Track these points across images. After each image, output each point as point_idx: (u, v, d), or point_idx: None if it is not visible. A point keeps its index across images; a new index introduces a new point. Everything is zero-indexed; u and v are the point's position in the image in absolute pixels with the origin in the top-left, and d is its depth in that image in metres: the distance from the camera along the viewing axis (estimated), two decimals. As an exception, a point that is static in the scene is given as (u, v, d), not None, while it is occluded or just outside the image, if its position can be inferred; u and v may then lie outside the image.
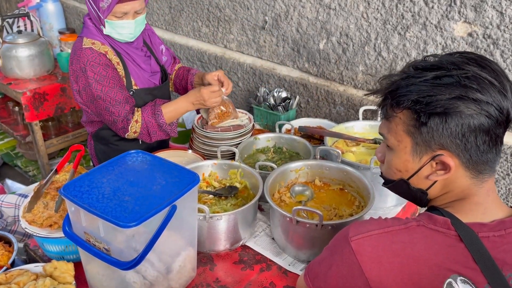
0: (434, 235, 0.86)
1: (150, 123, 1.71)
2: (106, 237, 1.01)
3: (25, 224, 1.29)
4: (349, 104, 2.07)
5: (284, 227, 1.32)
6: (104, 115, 1.69)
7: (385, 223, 0.91)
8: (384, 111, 0.95)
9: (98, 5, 1.61)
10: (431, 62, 0.89)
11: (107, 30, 1.67)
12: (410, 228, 0.88)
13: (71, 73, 1.70)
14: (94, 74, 1.63)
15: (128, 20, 1.65)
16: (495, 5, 1.52)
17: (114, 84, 1.66)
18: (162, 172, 1.12)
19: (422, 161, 0.91)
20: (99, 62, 1.64)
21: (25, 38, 2.89)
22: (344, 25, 1.96)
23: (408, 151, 0.92)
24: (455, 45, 1.66)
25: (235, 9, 2.38)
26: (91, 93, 1.65)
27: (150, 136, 1.74)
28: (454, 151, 0.86)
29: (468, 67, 0.85)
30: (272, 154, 1.79)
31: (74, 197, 1.01)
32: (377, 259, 0.86)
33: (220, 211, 1.39)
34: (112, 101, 1.65)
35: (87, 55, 1.63)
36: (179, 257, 1.18)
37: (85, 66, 1.63)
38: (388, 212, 1.56)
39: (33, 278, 1.14)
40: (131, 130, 1.70)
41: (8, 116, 3.39)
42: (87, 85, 1.65)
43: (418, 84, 0.86)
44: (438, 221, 0.87)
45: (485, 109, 0.82)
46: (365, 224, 0.92)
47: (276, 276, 1.30)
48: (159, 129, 1.73)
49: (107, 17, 1.62)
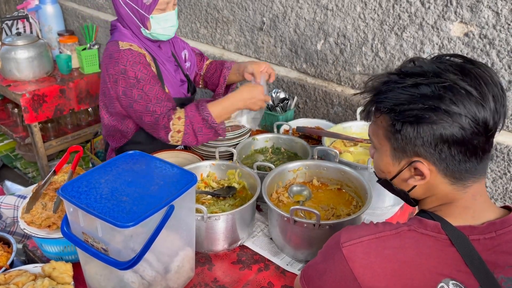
0: (425, 239, 0.87)
1: (194, 117, 1.57)
2: (104, 237, 1.01)
3: (24, 225, 1.29)
4: (347, 104, 2.07)
5: (282, 227, 1.33)
6: (145, 118, 1.60)
7: (375, 228, 0.91)
8: (367, 114, 0.96)
9: (141, 2, 1.60)
10: (414, 68, 0.90)
11: (153, 27, 1.64)
12: (401, 233, 0.88)
13: (108, 79, 1.63)
14: (135, 73, 1.58)
15: (170, 12, 1.65)
16: (491, 5, 1.53)
17: (154, 83, 1.61)
18: (160, 173, 1.12)
19: (401, 165, 0.92)
20: (139, 61, 1.60)
21: (24, 40, 2.89)
22: (341, 26, 1.97)
23: (388, 154, 0.94)
24: (451, 45, 1.67)
25: (233, 10, 2.39)
26: (131, 94, 1.58)
27: (196, 135, 1.58)
28: (430, 159, 0.87)
29: (447, 75, 0.85)
30: (270, 155, 1.80)
31: (72, 198, 1.02)
32: (369, 265, 0.86)
33: (218, 211, 1.40)
34: (153, 99, 1.58)
35: (126, 55, 1.59)
36: (177, 257, 1.19)
37: (125, 67, 1.57)
38: (386, 212, 1.56)
39: (32, 279, 1.14)
40: (174, 129, 1.57)
41: (7, 118, 3.40)
42: (127, 87, 1.58)
43: (396, 90, 0.87)
44: (428, 225, 0.88)
45: (457, 121, 0.82)
46: (356, 229, 0.92)
47: (274, 276, 1.30)
48: (205, 125, 1.57)
49: (153, 11, 1.61)
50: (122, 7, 1.64)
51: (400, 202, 1.59)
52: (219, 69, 1.95)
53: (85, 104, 3.12)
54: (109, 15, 3.19)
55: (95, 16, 3.28)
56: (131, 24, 1.67)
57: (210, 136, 1.61)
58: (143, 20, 1.65)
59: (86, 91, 3.08)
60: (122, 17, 1.67)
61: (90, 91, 3.11)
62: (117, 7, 1.66)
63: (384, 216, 1.54)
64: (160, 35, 1.69)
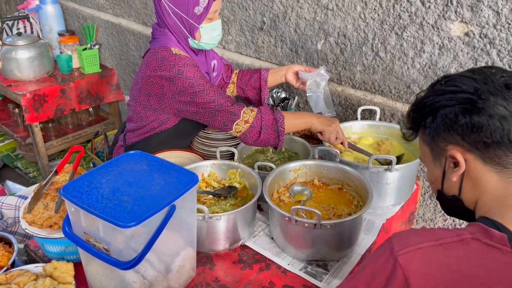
0: (490, 251, 0.78)
1: (266, 114, 1.58)
2: (105, 237, 1.02)
3: (25, 225, 1.29)
4: (347, 104, 2.07)
5: (283, 227, 1.33)
6: (209, 107, 1.58)
7: (434, 234, 0.82)
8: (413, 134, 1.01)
9: (192, 12, 1.60)
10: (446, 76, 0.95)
11: (202, 37, 1.65)
12: (464, 241, 0.79)
13: (157, 81, 1.60)
14: (193, 74, 1.57)
15: (217, 21, 1.67)
16: (491, 4, 1.53)
17: (212, 85, 1.61)
18: (161, 173, 1.12)
19: (442, 164, 0.93)
20: (195, 65, 1.61)
21: (25, 40, 2.90)
22: (341, 26, 1.97)
23: (430, 159, 0.96)
24: (452, 44, 1.67)
25: (233, 10, 2.39)
26: (193, 91, 1.57)
27: (261, 132, 1.58)
28: (458, 143, 0.88)
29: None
30: (271, 154, 1.80)
31: (73, 198, 1.02)
32: (427, 276, 0.77)
33: (219, 211, 1.40)
34: (216, 93, 1.58)
35: (185, 61, 1.58)
36: (178, 257, 1.19)
37: (183, 69, 1.56)
38: (387, 212, 1.57)
39: (33, 278, 1.15)
40: (243, 117, 1.57)
41: (8, 118, 3.40)
42: (186, 86, 1.56)
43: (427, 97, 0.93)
44: (494, 236, 0.79)
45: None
46: (410, 236, 0.83)
47: (275, 275, 1.30)
48: (273, 126, 1.58)
49: (203, 21, 1.62)
50: (171, 17, 1.63)
51: (400, 201, 1.60)
52: (256, 72, 1.92)
53: (85, 104, 3.12)
54: (110, 15, 3.19)
55: (95, 16, 3.28)
56: (179, 34, 1.66)
57: (271, 138, 1.60)
58: (192, 30, 1.64)
59: (87, 91, 3.09)
60: (168, 27, 1.66)
61: (91, 91, 3.11)
62: (163, 17, 1.64)
63: (385, 215, 1.55)
64: (207, 45, 1.70)
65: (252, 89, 1.94)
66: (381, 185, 1.51)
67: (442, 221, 1.98)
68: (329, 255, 1.33)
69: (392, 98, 1.93)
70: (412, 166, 1.53)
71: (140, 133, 1.79)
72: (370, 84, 1.97)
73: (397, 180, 1.52)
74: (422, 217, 2.04)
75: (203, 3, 1.59)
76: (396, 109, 1.92)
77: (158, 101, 1.66)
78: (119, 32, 3.12)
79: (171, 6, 1.60)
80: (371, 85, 1.97)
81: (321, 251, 1.32)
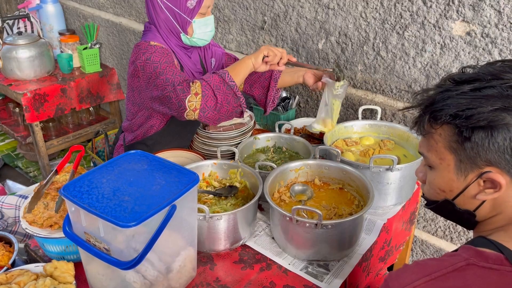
0: (489, 274, 0.76)
1: (211, 77, 1.55)
2: (106, 237, 1.01)
3: (25, 224, 1.29)
4: (348, 103, 2.07)
5: (284, 227, 1.33)
6: (165, 89, 1.56)
7: (428, 268, 0.79)
8: (421, 128, 0.88)
9: (185, 6, 1.60)
10: (468, 74, 0.84)
11: (195, 32, 1.66)
12: (460, 269, 0.77)
13: (135, 73, 1.64)
14: (159, 58, 1.58)
15: (209, 16, 1.68)
16: (493, 4, 1.53)
17: (175, 68, 1.61)
18: (161, 172, 1.12)
19: (467, 179, 0.83)
20: (166, 53, 1.61)
21: (25, 40, 2.90)
22: (342, 25, 1.96)
23: (452, 169, 0.84)
24: (453, 44, 1.66)
25: (234, 10, 2.38)
26: (155, 74, 1.57)
27: (215, 93, 1.53)
28: (504, 167, 0.78)
29: (508, 76, 0.79)
30: (272, 154, 1.80)
31: (74, 197, 1.02)
32: None
33: (220, 211, 1.40)
34: (174, 73, 1.56)
35: (156, 49, 1.60)
36: (179, 257, 1.19)
37: (151, 55, 1.58)
38: (388, 211, 1.56)
39: (33, 278, 1.14)
40: (191, 91, 1.52)
41: (8, 117, 3.40)
42: (151, 70, 1.57)
43: (455, 97, 0.80)
44: (490, 258, 0.77)
45: None
46: (404, 274, 0.80)
47: (276, 275, 1.30)
48: (223, 83, 1.54)
49: (196, 15, 1.62)
50: (163, 11, 1.63)
51: (401, 201, 1.59)
52: (267, 71, 1.83)
53: (86, 103, 3.12)
54: (110, 14, 3.18)
55: (96, 15, 3.28)
56: (172, 29, 1.66)
57: (229, 97, 1.54)
58: (184, 25, 1.65)
59: (87, 90, 3.08)
60: (159, 22, 1.66)
61: (91, 90, 3.11)
62: (155, 12, 1.65)
63: (386, 215, 1.54)
64: (199, 40, 1.70)
65: (260, 87, 1.87)
66: (382, 185, 1.51)
67: (443, 221, 1.98)
68: (330, 255, 1.33)
69: (393, 97, 1.92)
70: (413, 166, 1.53)
71: (133, 130, 1.82)
72: (371, 83, 1.97)
73: (398, 180, 1.51)
74: (423, 217, 2.04)
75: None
76: (397, 108, 1.92)
77: (139, 94, 1.69)
78: (120, 31, 3.12)
79: (164, 1, 1.61)
80: (372, 84, 1.97)
81: (322, 251, 1.31)
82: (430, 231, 2.04)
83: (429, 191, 0.92)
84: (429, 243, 2.06)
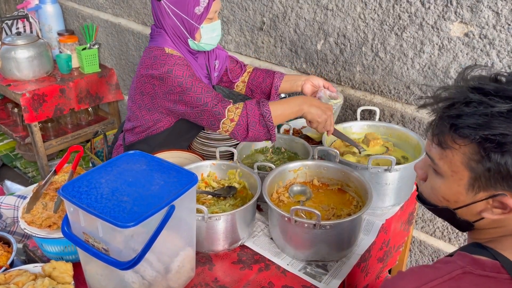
0: (485, 282, 0.74)
1: (252, 110, 1.54)
2: (104, 237, 1.01)
3: (24, 224, 1.29)
4: (346, 104, 2.07)
5: (283, 227, 1.33)
6: (196, 106, 1.57)
7: (424, 276, 0.77)
8: (440, 138, 0.81)
9: (192, 12, 1.60)
10: (500, 87, 0.76)
11: (202, 37, 1.65)
12: (456, 278, 0.75)
13: (147, 78, 1.62)
14: (182, 73, 1.57)
15: (216, 21, 1.67)
16: (491, 5, 1.53)
17: (201, 83, 1.60)
18: (160, 173, 1.12)
19: (477, 196, 0.79)
20: (186, 65, 1.60)
21: (24, 40, 2.90)
22: (341, 26, 1.97)
23: (463, 184, 0.80)
24: (451, 45, 1.67)
25: (233, 10, 2.39)
26: (181, 89, 1.56)
27: (248, 129, 1.55)
28: None
29: None
30: (270, 155, 1.80)
31: (72, 198, 1.02)
32: None
33: (218, 211, 1.40)
34: (203, 90, 1.57)
35: (175, 60, 1.58)
36: (177, 257, 1.19)
37: (172, 68, 1.56)
38: (386, 212, 1.56)
39: (32, 278, 1.14)
40: (228, 116, 1.54)
41: (7, 118, 3.40)
42: (175, 85, 1.57)
43: (489, 116, 0.73)
44: (486, 266, 0.76)
45: None
46: (401, 282, 0.78)
47: (275, 275, 1.30)
48: (260, 121, 1.54)
49: (203, 21, 1.62)
50: (170, 17, 1.62)
51: (400, 202, 1.60)
52: (269, 77, 1.90)
53: (85, 103, 3.12)
54: (109, 15, 3.19)
55: (95, 15, 3.28)
56: (179, 34, 1.66)
57: (261, 134, 1.57)
58: (192, 31, 1.64)
59: (86, 91, 3.08)
60: (166, 28, 1.65)
61: (90, 90, 3.11)
62: (161, 18, 1.64)
63: (384, 216, 1.55)
64: (207, 45, 1.70)
65: (261, 93, 1.92)
66: (381, 185, 1.51)
67: (441, 222, 1.98)
68: (328, 256, 1.33)
69: (391, 98, 1.93)
70: (412, 167, 1.53)
71: (137, 132, 1.79)
72: (370, 84, 1.97)
73: (397, 181, 1.52)
74: (422, 218, 2.04)
75: (203, 3, 1.59)
76: (395, 109, 1.92)
77: (151, 100, 1.67)
78: (119, 31, 3.12)
79: (171, 7, 1.60)
80: (370, 85, 1.97)
81: (320, 252, 1.31)
82: (428, 232, 2.05)
83: (429, 194, 0.89)
84: (427, 243, 2.07)
